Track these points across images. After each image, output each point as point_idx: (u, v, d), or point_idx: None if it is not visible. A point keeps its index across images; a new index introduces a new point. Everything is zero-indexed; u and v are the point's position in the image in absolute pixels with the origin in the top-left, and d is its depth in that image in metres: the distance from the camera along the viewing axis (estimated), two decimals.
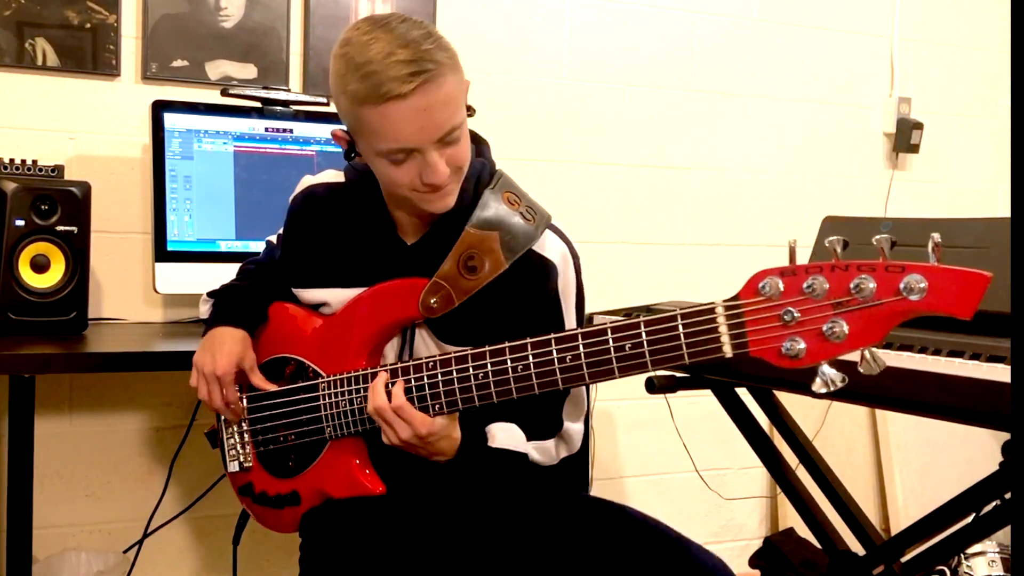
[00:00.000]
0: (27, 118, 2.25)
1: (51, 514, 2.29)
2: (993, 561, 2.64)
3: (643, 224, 2.89)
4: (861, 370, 1.07)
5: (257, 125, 2.25)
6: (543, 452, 1.49)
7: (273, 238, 1.73)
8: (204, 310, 1.68)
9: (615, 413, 2.86)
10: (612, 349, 1.22)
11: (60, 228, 1.98)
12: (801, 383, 1.63)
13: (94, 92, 2.30)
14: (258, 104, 2.25)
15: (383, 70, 1.29)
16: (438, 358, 1.37)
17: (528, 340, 1.29)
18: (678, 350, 1.17)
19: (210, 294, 1.68)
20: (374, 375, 1.42)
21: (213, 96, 2.28)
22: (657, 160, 2.90)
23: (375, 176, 1.47)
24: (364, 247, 1.53)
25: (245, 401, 1.60)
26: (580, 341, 1.25)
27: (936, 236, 1.03)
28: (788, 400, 2.14)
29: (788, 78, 3.05)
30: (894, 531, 2.79)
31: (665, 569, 1.40)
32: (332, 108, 2.33)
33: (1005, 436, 1.64)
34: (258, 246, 2.22)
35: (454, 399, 1.36)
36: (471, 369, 1.34)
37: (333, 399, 1.48)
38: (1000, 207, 3.30)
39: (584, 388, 1.52)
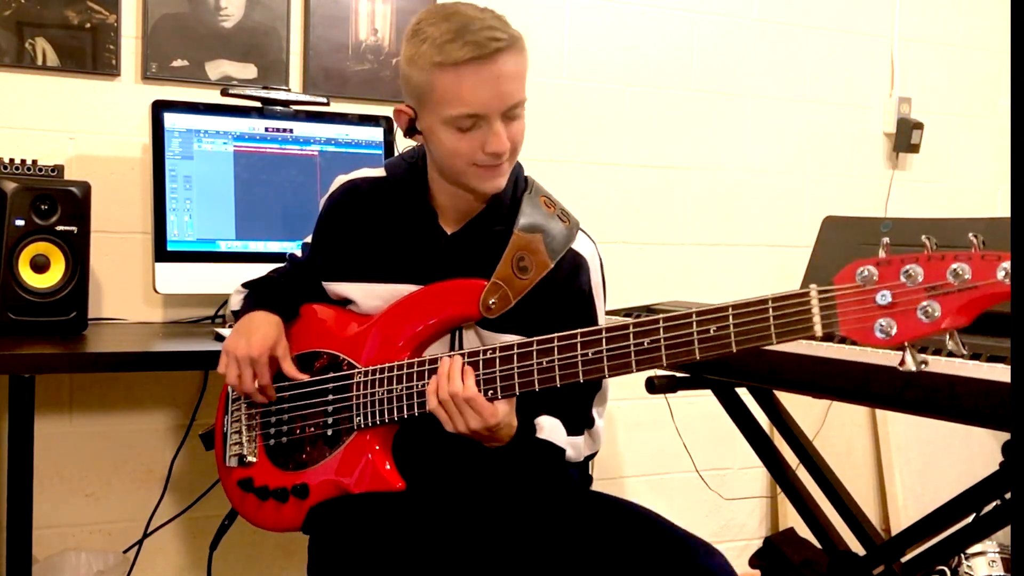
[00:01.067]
0: (27, 118, 2.25)
1: (51, 514, 2.29)
2: (993, 561, 2.64)
3: (643, 224, 2.89)
4: (949, 347, 1.13)
5: (257, 125, 2.25)
6: (575, 449, 1.53)
7: (298, 252, 1.75)
8: (236, 300, 1.71)
9: (615, 413, 2.86)
10: (696, 333, 1.26)
11: (60, 228, 1.98)
12: (801, 383, 1.64)
13: (94, 92, 2.30)
14: (258, 104, 2.25)
15: (465, 35, 1.39)
16: (498, 347, 1.40)
17: (603, 327, 1.34)
18: (766, 331, 1.21)
19: (245, 284, 1.71)
20: (420, 363, 1.46)
21: (213, 96, 2.28)
22: (657, 160, 2.90)
23: (422, 166, 1.55)
24: (404, 238, 1.57)
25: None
26: (661, 324, 1.29)
27: None
28: (788, 400, 2.14)
29: (788, 78, 3.05)
30: (894, 531, 2.79)
31: (670, 568, 1.41)
32: (332, 108, 2.34)
33: (1005, 436, 1.64)
34: (258, 246, 2.23)
35: (511, 383, 1.39)
36: (535, 356, 1.37)
37: (369, 388, 1.50)
38: (1000, 207, 3.30)
39: (607, 384, 1.56)
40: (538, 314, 1.49)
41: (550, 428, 1.49)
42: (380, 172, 1.64)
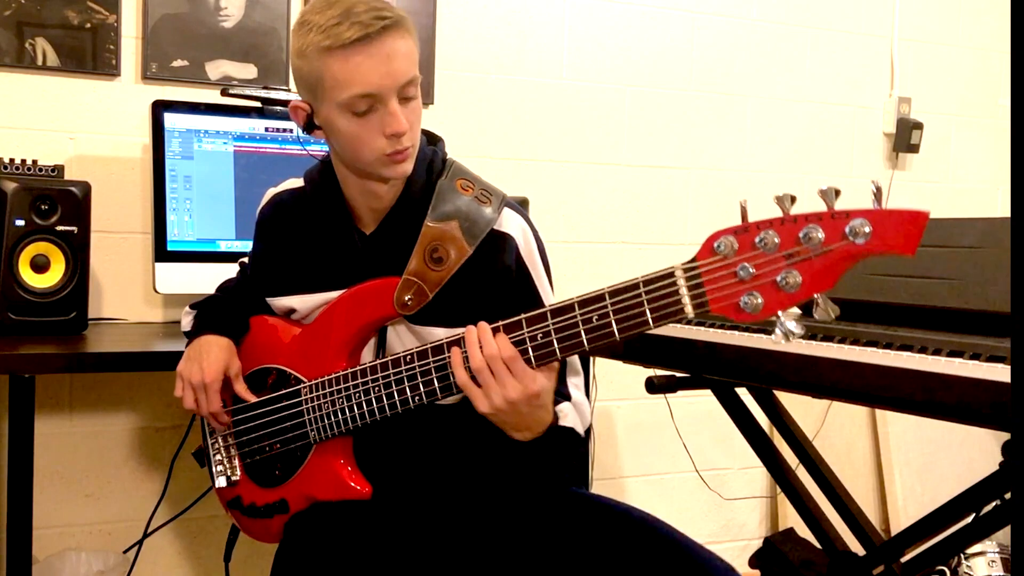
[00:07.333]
0: (27, 118, 2.25)
1: (51, 514, 2.29)
2: (993, 561, 2.64)
3: (643, 224, 2.89)
4: (816, 316, 1.10)
5: (257, 125, 2.25)
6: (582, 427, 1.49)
7: (247, 259, 1.75)
8: (186, 322, 1.70)
9: (615, 413, 2.86)
10: (580, 323, 1.24)
11: (60, 228, 1.98)
12: (801, 383, 1.64)
13: (94, 92, 2.30)
14: (258, 104, 2.25)
15: (351, 18, 1.36)
16: (415, 351, 1.38)
17: (500, 323, 1.30)
18: (642, 316, 1.19)
19: (192, 306, 1.70)
20: (363, 372, 1.43)
21: (213, 96, 2.28)
22: (657, 160, 2.90)
23: (332, 170, 1.52)
24: (326, 244, 1.55)
25: (231, 413, 1.60)
26: (549, 320, 1.26)
27: (875, 183, 1.10)
28: (788, 400, 2.14)
29: (788, 78, 3.05)
30: (894, 531, 2.79)
31: (670, 572, 1.38)
32: None
33: (1005, 436, 1.64)
34: None
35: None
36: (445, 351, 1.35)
37: (317, 402, 1.49)
38: (1000, 207, 3.30)
39: (578, 358, 1.51)
40: (471, 301, 1.45)
41: (570, 414, 1.42)
42: (301, 182, 1.62)
